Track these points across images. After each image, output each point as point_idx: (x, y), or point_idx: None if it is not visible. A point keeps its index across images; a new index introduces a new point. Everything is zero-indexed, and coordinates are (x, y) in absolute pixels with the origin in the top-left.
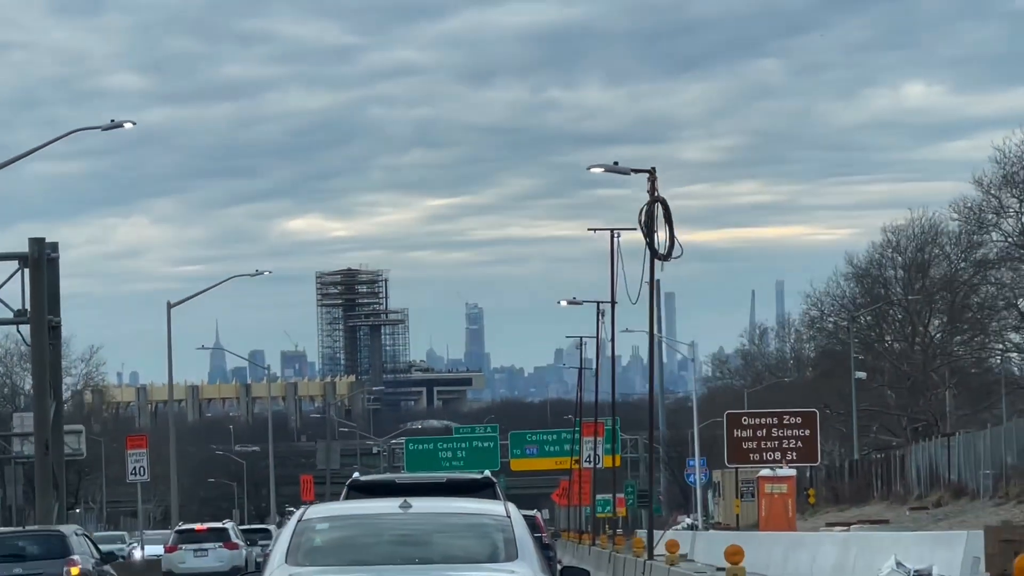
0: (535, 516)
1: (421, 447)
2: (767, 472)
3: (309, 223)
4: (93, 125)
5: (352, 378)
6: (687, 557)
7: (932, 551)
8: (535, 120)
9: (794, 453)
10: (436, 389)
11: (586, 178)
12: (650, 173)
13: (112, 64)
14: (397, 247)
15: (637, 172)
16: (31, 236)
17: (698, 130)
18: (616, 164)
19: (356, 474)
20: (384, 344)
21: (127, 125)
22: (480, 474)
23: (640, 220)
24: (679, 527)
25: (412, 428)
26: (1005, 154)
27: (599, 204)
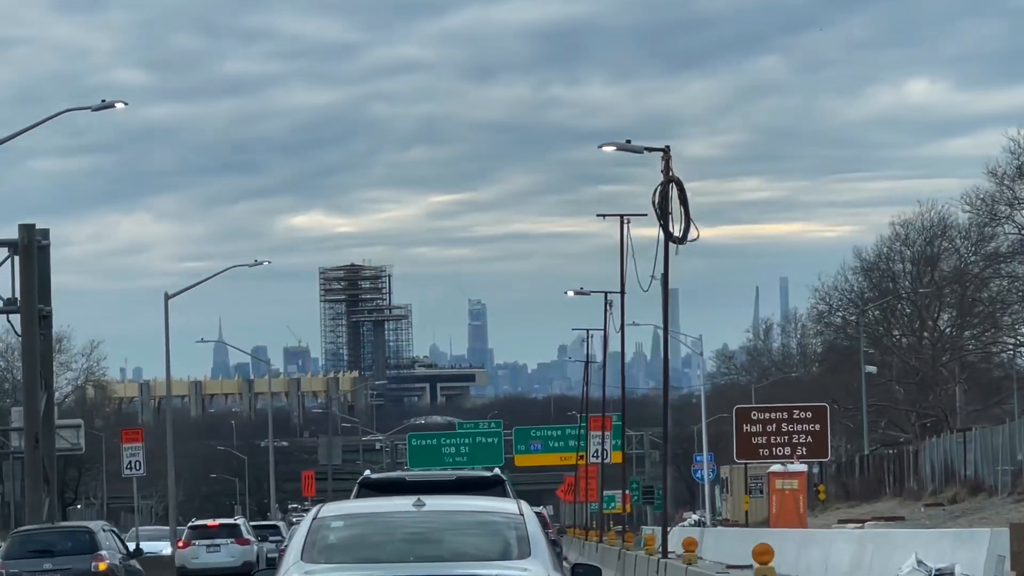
0: (541, 512)
1: (424, 442)
2: (778, 467)
3: (312, 219)
4: (83, 106)
5: (355, 374)
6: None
7: (953, 549)
8: (538, 117)
9: (804, 448)
10: (439, 385)
11: (589, 174)
12: (664, 152)
13: (115, 60)
14: (400, 243)
15: (651, 150)
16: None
17: (701, 127)
18: (629, 142)
19: (368, 472)
20: (387, 340)
21: (118, 105)
22: (490, 472)
23: (654, 201)
24: (685, 524)
25: (415, 424)
26: (1020, 144)
27: (602, 200)
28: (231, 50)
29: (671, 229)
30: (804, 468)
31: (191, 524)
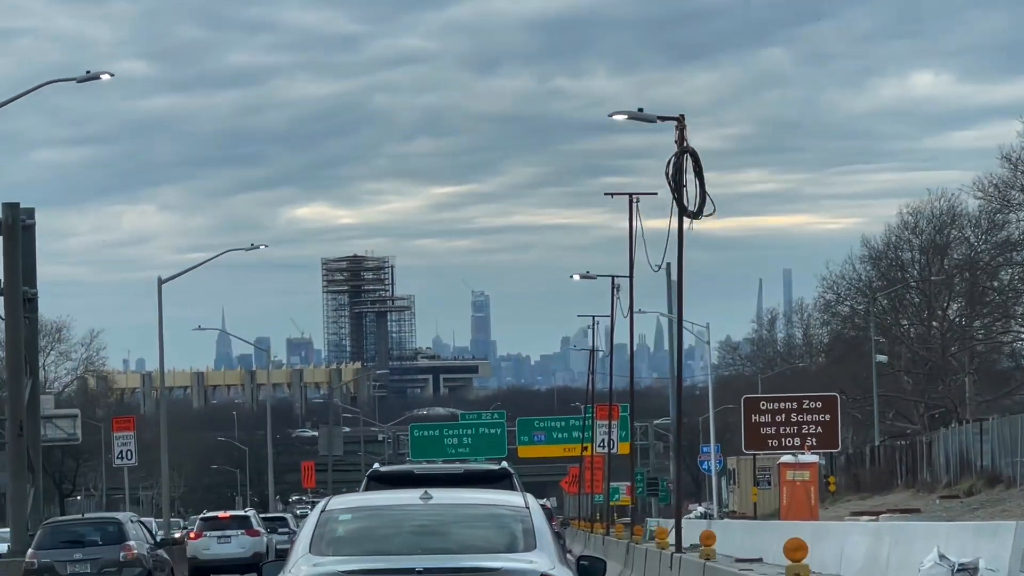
0: (544, 504)
1: (426, 433)
2: (788, 458)
3: (315, 211)
4: (68, 77)
5: (358, 365)
6: (700, 547)
7: (975, 543)
8: (541, 108)
9: (814, 439)
10: (442, 377)
11: (593, 166)
12: (678, 121)
13: (118, 51)
14: (403, 235)
15: (664, 119)
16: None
17: (705, 119)
18: (641, 110)
19: (376, 464)
20: (390, 331)
21: (104, 76)
22: (498, 465)
23: (667, 173)
24: (690, 516)
25: (418, 415)
26: None
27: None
28: (234, 41)
29: (685, 203)
30: (816, 459)
31: (202, 516)
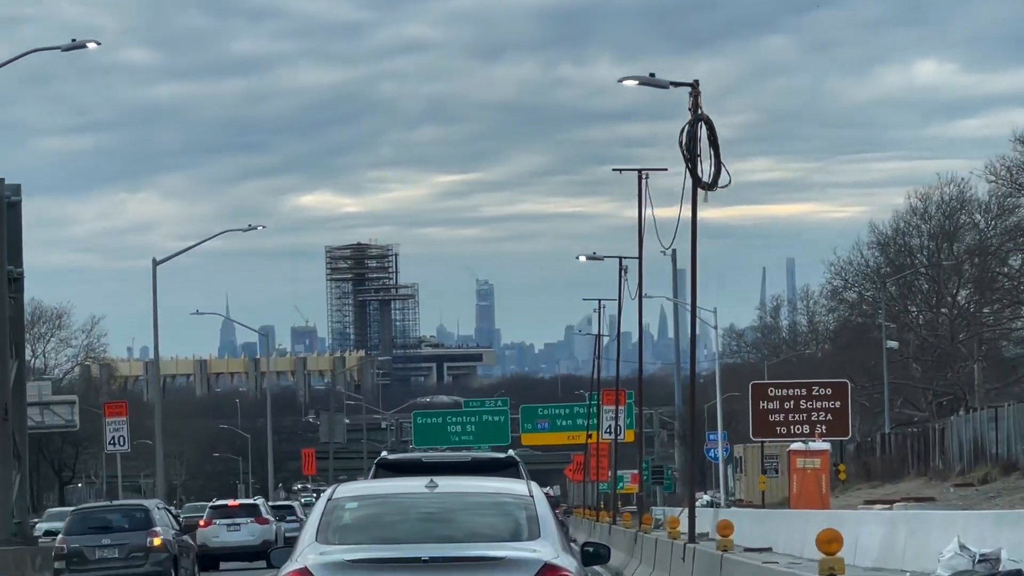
0: (547, 492)
1: (429, 421)
2: (799, 446)
3: (319, 199)
4: (53, 46)
5: (361, 353)
6: (708, 536)
7: (995, 533)
8: (546, 97)
9: (824, 426)
10: (446, 365)
11: (598, 155)
12: (692, 87)
13: (123, 39)
14: (407, 223)
15: (677, 85)
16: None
17: (709, 107)
18: (653, 75)
19: (384, 452)
20: (394, 319)
21: (90, 45)
22: (504, 453)
23: (681, 142)
24: (697, 504)
25: (421, 403)
26: None
27: (611, 180)
28: (238, 29)
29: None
30: (827, 447)
31: (212, 504)
